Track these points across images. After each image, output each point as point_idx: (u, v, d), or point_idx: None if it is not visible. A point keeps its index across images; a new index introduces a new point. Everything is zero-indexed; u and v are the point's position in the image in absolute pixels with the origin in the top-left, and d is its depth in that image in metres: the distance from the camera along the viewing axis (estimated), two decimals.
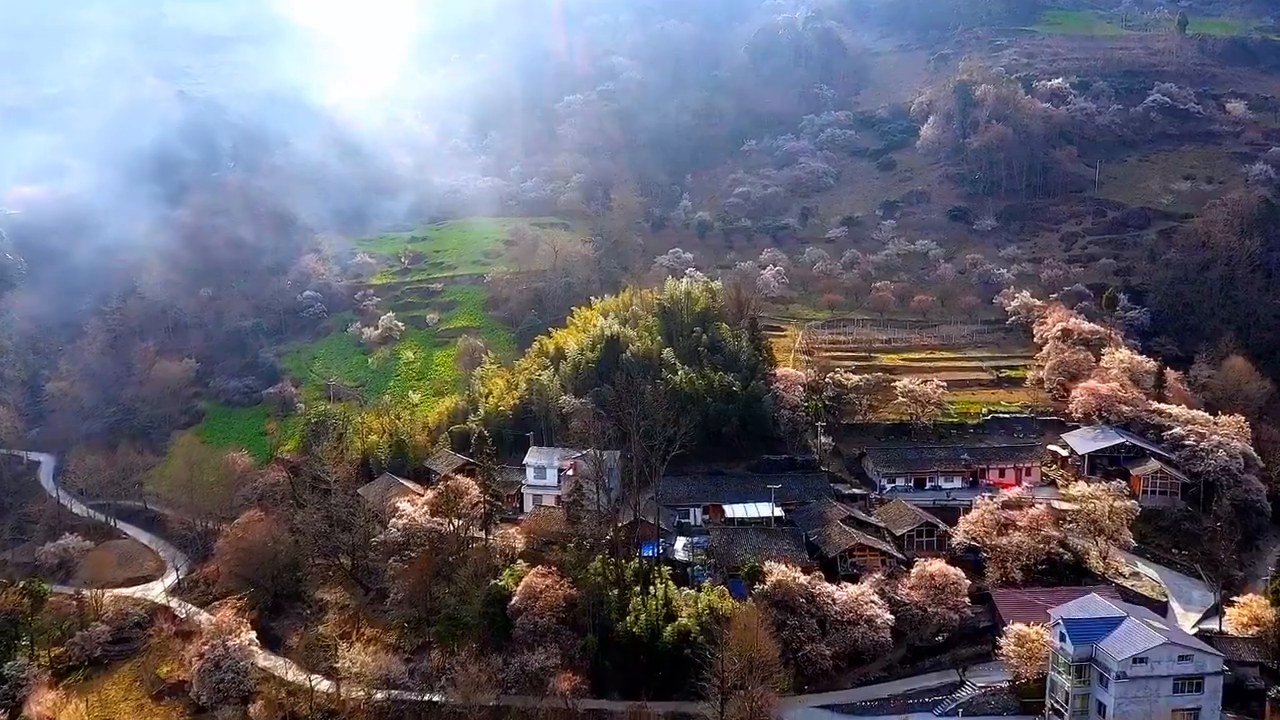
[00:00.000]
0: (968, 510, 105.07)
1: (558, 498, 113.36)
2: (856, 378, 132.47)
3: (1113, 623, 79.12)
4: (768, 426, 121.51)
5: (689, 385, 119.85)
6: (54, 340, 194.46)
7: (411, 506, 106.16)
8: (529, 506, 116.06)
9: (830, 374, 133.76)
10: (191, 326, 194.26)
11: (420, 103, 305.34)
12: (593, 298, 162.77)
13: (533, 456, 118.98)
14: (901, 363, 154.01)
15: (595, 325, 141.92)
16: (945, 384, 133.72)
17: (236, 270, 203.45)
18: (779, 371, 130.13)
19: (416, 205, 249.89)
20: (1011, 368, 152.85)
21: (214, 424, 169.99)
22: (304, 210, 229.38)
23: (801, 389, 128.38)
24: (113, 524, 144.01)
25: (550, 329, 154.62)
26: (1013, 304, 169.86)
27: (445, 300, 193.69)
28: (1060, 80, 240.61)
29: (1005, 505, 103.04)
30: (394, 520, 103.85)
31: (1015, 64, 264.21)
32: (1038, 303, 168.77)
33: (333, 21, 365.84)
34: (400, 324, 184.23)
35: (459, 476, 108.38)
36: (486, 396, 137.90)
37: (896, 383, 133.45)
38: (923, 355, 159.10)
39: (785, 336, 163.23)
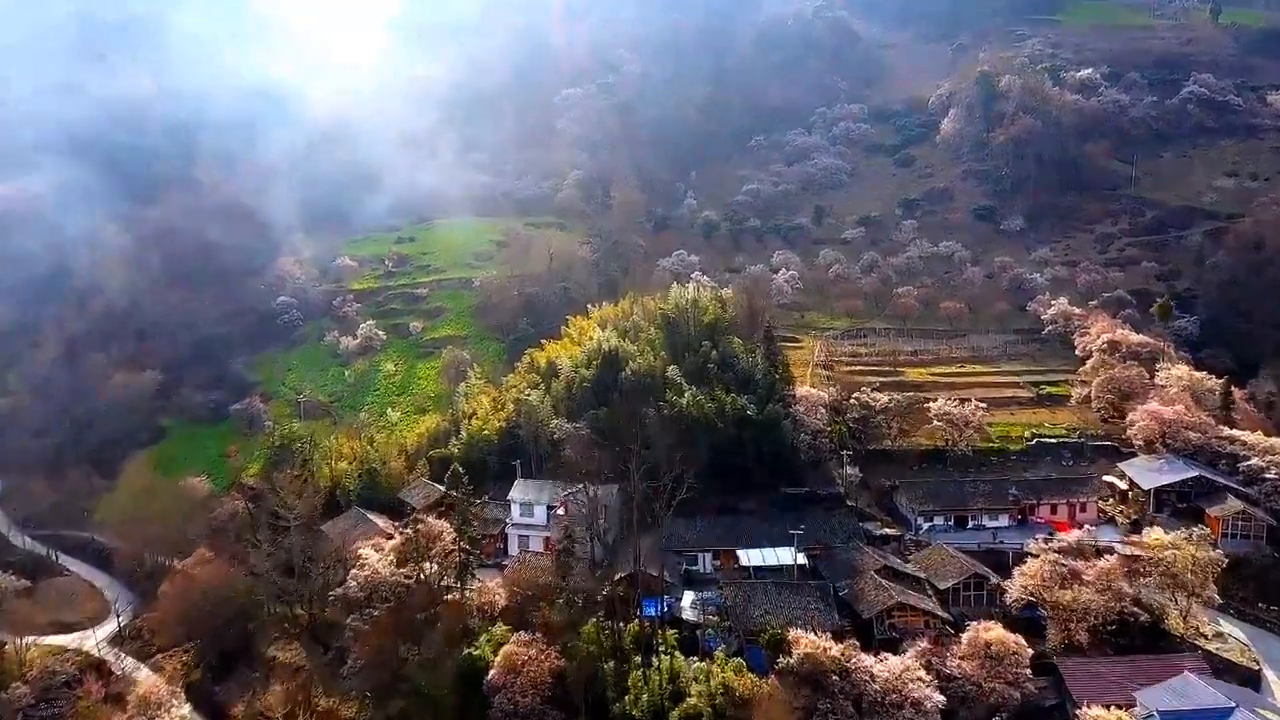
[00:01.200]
0: (1020, 558, 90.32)
1: (546, 539, 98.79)
2: (885, 398, 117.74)
3: (1219, 716, 64.56)
4: (787, 456, 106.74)
5: (697, 409, 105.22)
6: (8, 351, 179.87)
7: (376, 554, 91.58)
8: (514, 548, 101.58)
9: (855, 393, 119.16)
10: (157, 335, 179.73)
11: (411, 96, 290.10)
12: (590, 305, 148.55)
13: (519, 491, 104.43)
14: (930, 378, 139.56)
15: (592, 337, 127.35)
16: (984, 404, 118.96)
17: (207, 274, 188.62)
18: (799, 391, 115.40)
19: (404, 203, 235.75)
20: (1052, 383, 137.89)
21: (176, 443, 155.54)
22: (283, 209, 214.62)
23: (824, 411, 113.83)
24: (55, 558, 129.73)
25: (543, 340, 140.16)
26: (1049, 312, 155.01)
27: (431, 306, 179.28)
28: (1090, 71, 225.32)
29: (1064, 551, 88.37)
30: (354, 571, 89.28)
31: (1039, 54, 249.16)
32: (1077, 311, 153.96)
33: (319, 13, 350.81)
34: (381, 333, 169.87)
35: (431, 519, 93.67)
36: (470, 417, 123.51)
37: (929, 403, 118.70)
38: (952, 369, 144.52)
39: (801, 348, 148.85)
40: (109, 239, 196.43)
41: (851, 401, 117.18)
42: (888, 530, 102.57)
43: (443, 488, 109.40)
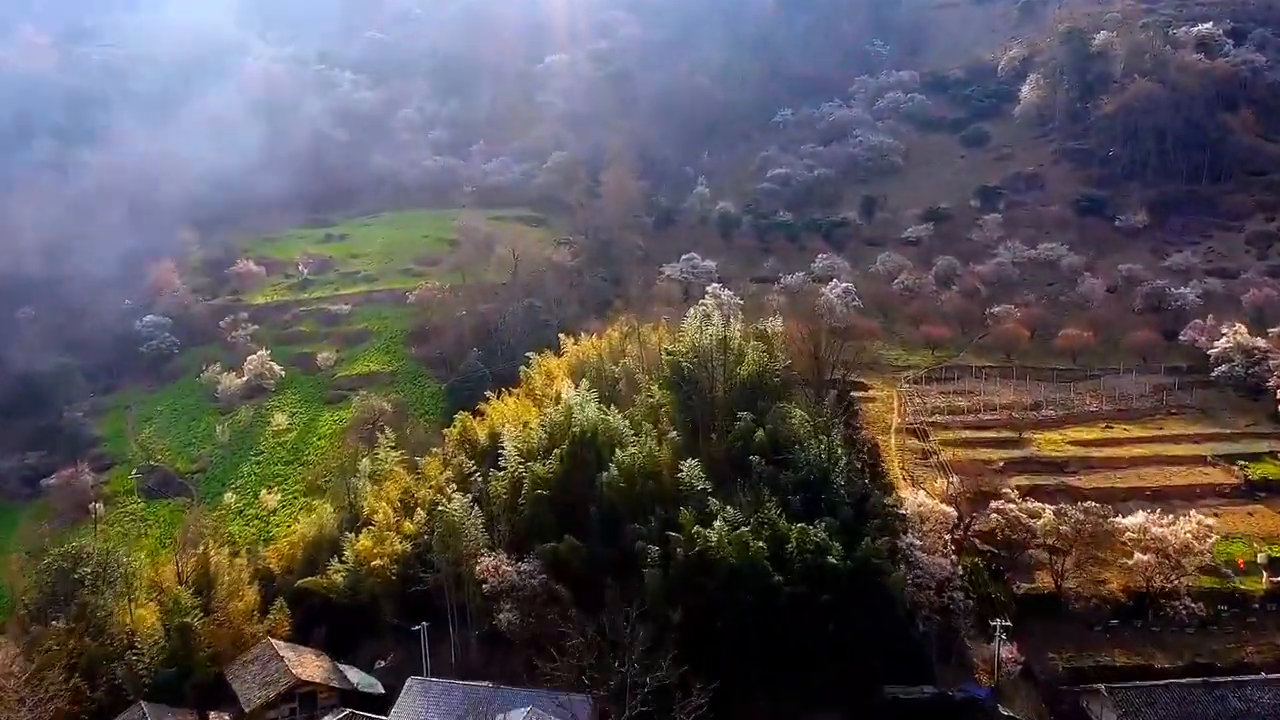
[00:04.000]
0: None
1: None
2: (1048, 514, 69.23)
3: None
4: (895, 630, 59.35)
5: (736, 552, 57.48)
6: None
7: None
8: None
9: (993, 500, 71.38)
10: None
11: (365, 64, 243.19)
12: (563, 335, 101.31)
13: (415, 701, 57.09)
14: (1068, 448, 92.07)
15: (560, 397, 79.97)
16: (1209, 523, 71.01)
17: (49, 284, 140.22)
18: (908, 502, 67.77)
19: (343, 191, 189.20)
20: (1254, 458, 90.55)
21: None
22: (174, 195, 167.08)
23: (949, 541, 66.24)
24: None
25: (488, 394, 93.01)
26: (1219, 343, 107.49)
27: (351, 329, 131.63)
28: (1210, 26, 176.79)
29: None
30: None
31: (1131, 9, 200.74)
32: (1261, 344, 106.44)
33: None
34: (278, 366, 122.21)
35: None
36: (362, 526, 76.65)
37: (1120, 521, 70.61)
38: (1097, 433, 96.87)
39: (872, 399, 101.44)
40: None
41: (993, 517, 69.43)
42: None
43: (309, 654, 64.80)
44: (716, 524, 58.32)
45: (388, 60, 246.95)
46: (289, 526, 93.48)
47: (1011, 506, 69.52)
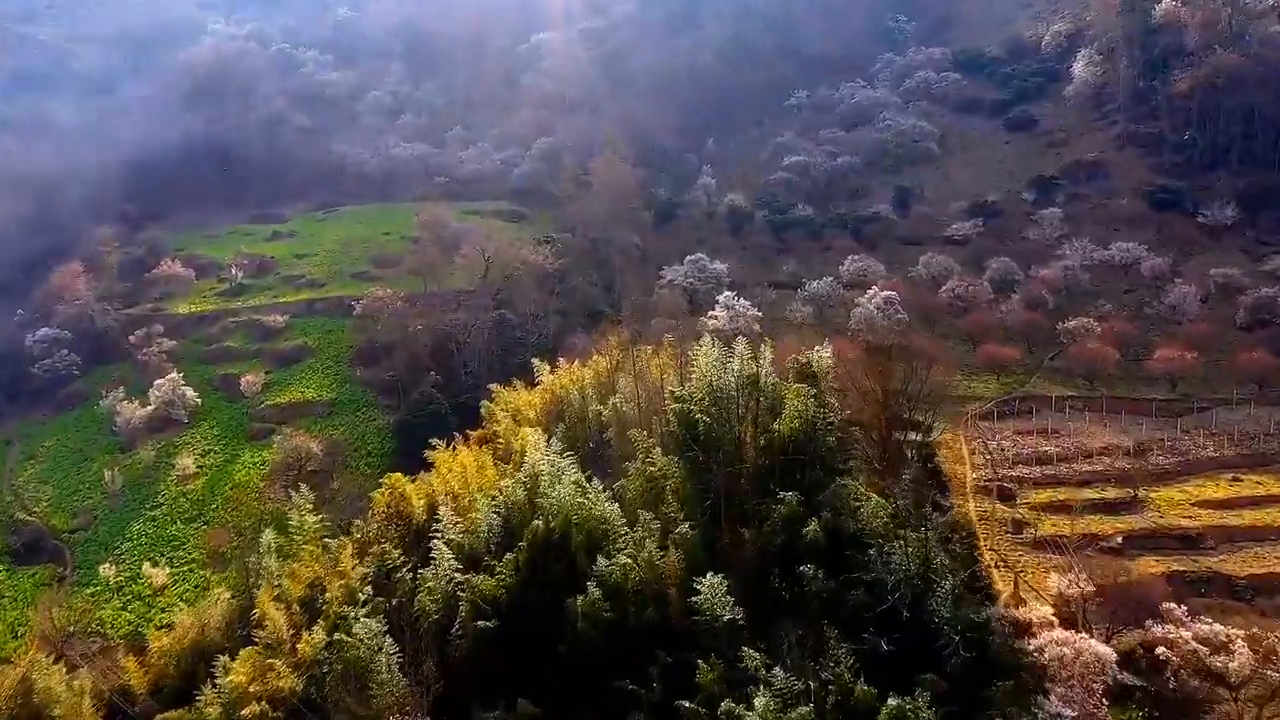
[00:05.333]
0: None
1: None
2: (1245, 654, 46.73)
3: None
4: None
5: None
6: None
7: None
8: None
9: (1160, 628, 48.69)
10: None
11: (334, 44, 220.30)
12: (538, 360, 78.62)
13: None
14: (1203, 514, 69.41)
15: (525, 454, 57.41)
16: None
17: None
18: (1035, 624, 45.22)
19: (301, 182, 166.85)
20: None
21: None
22: (104, 190, 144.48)
23: (1098, 689, 43.71)
24: None
25: (457, 427, 70.82)
26: None
27: (287, 345, 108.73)
28: None
29: None
30: None
31: None
32: None
33: None
34: (192, 392, 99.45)
35: None
36: (251, 631, 54.30)
37: None
38: (1224, 489, 74.48)
39: (936, 445, 78.68)
40: None
41: (1162, 654, 46.81)
42: None
43: None
44: (759, 701, 35.66)
45: (359, 40, 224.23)
46: (179, 612, 71.19)
47: (1185, 636, 46.92)
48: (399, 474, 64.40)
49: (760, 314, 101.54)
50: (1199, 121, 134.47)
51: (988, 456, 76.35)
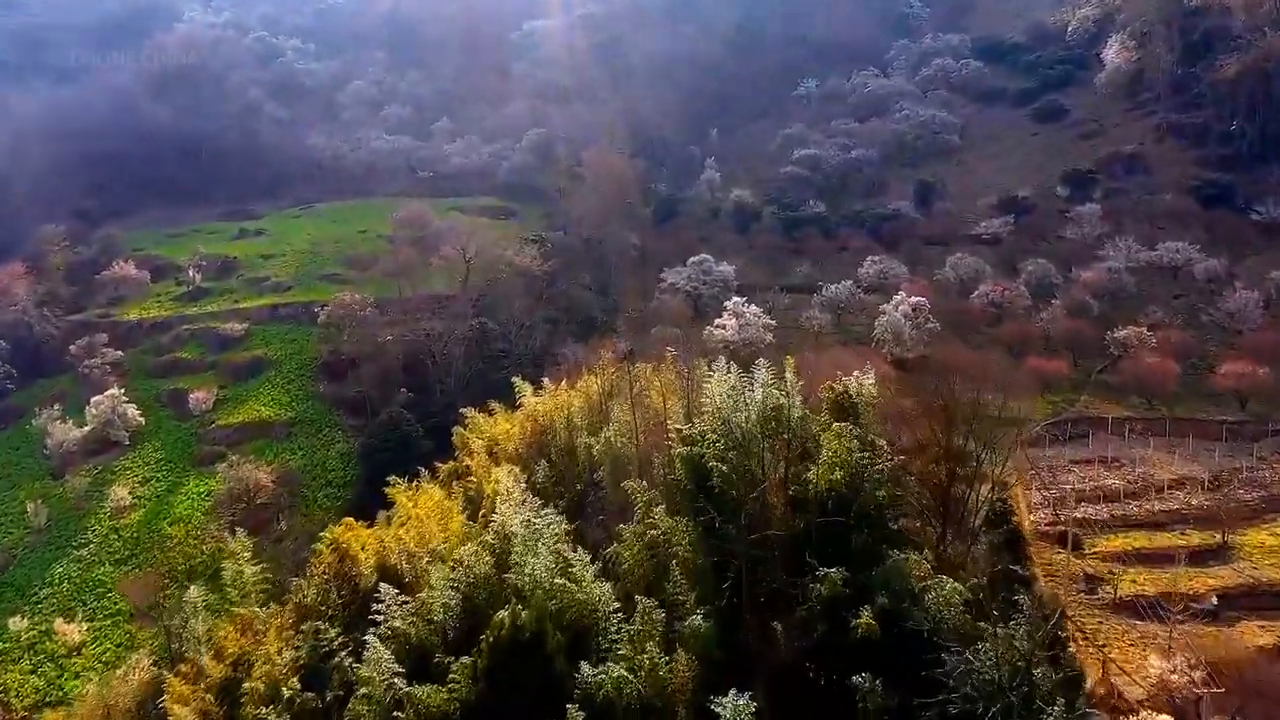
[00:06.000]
0: None
1: None
2: None
3: None
4: None
5: None
6: None
7: None
8: None
9: None
10: None
11: (316, 32, 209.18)
12: (518, 380, 67.28)
13: None
14: None
15: (495, 505, 46.38)
16: None
17: None
18: None
19: (277, 176, 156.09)
20: None
21: None
22: (57, 182, 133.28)
23: None
24: None
25: (420, 467, 59.98)
26: None
27: (245, 356, 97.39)
28: None
29: None
30: None
31: None
32: None
33: None
34: (135, 410, 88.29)
35: None
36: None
37: None
38: None
39: (984, 478, 67.69)
40: None
41: None
42: None
43: None
44: None
45: (343, 28, 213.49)
46: (89, 681, 60.36)
47: None
48: (347, 522, 53.36)
49: (773, 321, 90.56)
50: (1247, 110, 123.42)
51: (1045, 494, 65.42)
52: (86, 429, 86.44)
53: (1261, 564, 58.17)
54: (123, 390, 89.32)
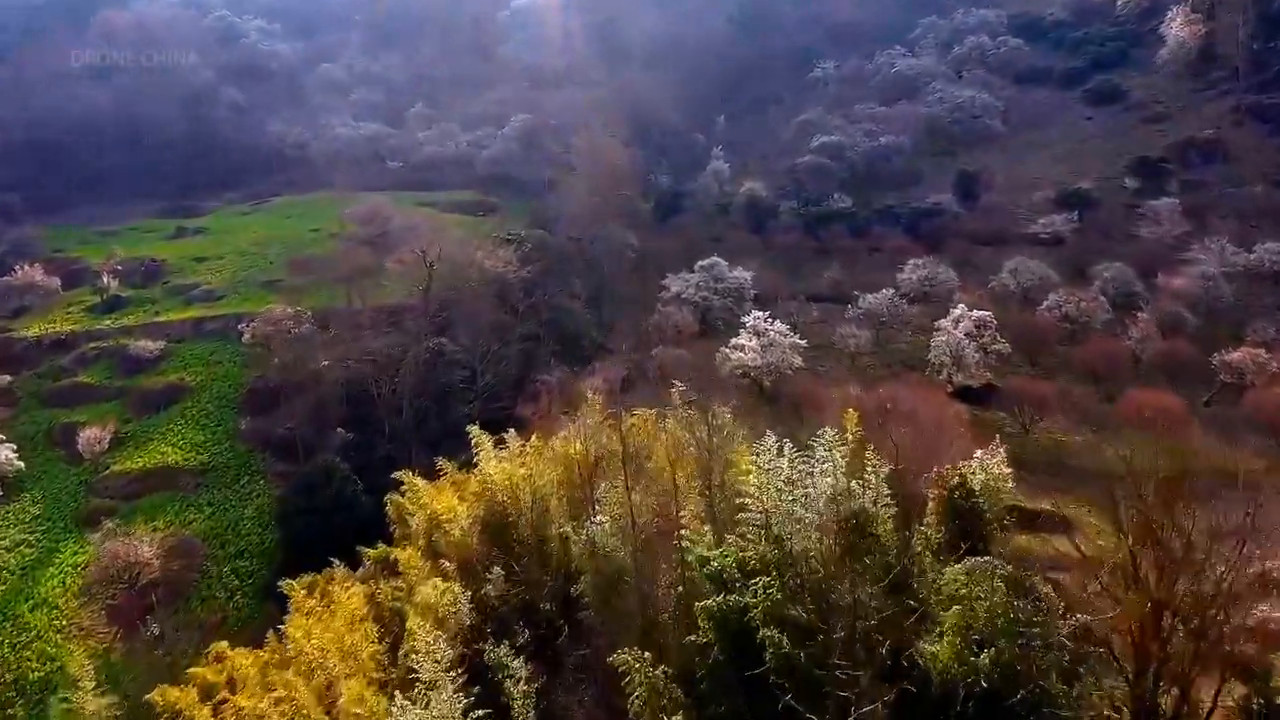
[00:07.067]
0: None
1: None
2: None
3: None
4: None
5: None
6: None
7: None
8: None
9: None
10: None
11: (285, 12, 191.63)
12: (477, 430, 49.62)
13: None
14: None
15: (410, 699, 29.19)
16: None
17: None
18: None
19: (231, 169, 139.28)
20: None
21: None
22: None
23: None
24: None
25: (366, 534, 42.98)
26: None
27: (158, 381, 79.86)
28: None
29: None
30: None
31: None
32: None
33: None
34: (12, 451, 70.73)
35: None
36: None
37: None
38: None
39: (1080, 559, 50.44)
40: None
41: None
42: None
43: None
44: None
45: (315, 8, 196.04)
46: None
47: None
48: (218, 650, 36.31)
49: (802, 341, 73.49)
50: None
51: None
52: None
53: None
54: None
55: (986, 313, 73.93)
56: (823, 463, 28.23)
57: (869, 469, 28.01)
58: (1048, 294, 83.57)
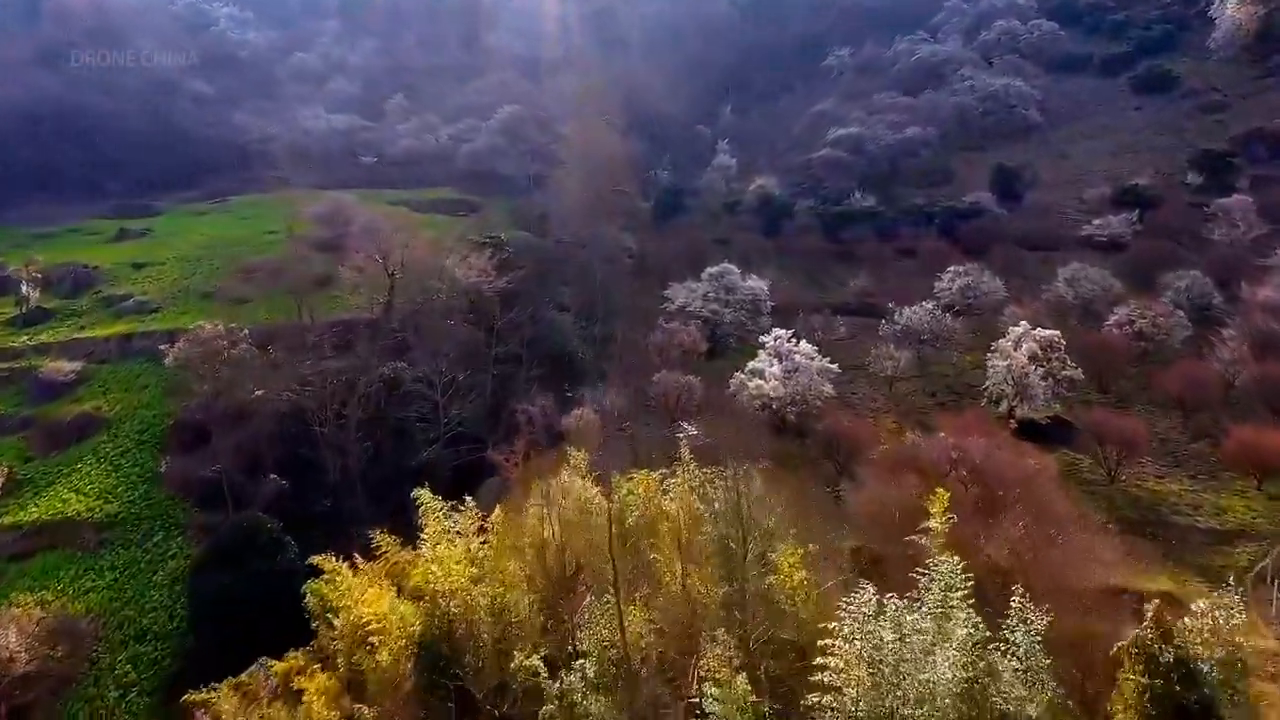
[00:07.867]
0: None
1: None
2: None
3: None
4: None
5: None
6: None
7: None
8: None
9: None
10: None
11: (259, 1, 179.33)
12: (426, 496, 37.44)
13: None
14: None
15: None
16: None
17: None
18: None
19: (192, 165, 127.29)
20: None
21: None
22: None
23: None
24: None
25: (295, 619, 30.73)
26: None
27: (71, 410, 67.56)
28: None
29: None
30: None
31: None
32: None
33: None
34: None
35: None
36: None
37: None
38: None
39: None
40: None
41: None
42: None
43: None
44: None
45: None
46: None
47: None
48: None
49: (833, 366, 61.43)
50: None
51: None
52: None
53: None
54: None
55: (1054, 332, 61.89)
56: (944, 637, 16.41)
57: (1014, 619, 16.58)
58: (1112, 307, 71.79)
